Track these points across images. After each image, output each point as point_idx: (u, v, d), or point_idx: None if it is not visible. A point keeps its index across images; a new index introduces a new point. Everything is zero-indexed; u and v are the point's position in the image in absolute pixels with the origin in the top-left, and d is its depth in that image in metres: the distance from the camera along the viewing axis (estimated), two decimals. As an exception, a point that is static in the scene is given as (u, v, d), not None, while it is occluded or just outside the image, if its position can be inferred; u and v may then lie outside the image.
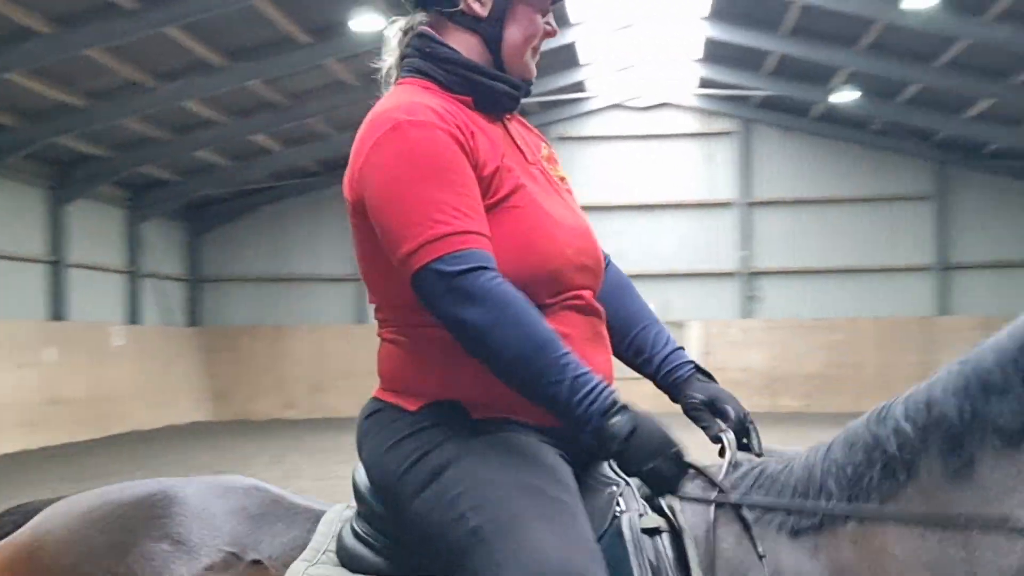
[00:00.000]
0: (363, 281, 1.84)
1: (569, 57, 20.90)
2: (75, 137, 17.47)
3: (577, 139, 24.30)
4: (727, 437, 1.80)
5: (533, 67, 1.87)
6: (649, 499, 1.69)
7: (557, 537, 1.54)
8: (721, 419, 1.86)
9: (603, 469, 1.77)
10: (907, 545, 1.54)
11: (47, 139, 16.80)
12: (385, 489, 1.71)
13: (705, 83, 23.25)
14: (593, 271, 1.85)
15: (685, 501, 1.66)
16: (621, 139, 24.55)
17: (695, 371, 1.98)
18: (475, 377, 1.67)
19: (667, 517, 1.66)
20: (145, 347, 21.26)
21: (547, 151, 1.99)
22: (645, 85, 23.85)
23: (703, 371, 1.98)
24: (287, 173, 23.15)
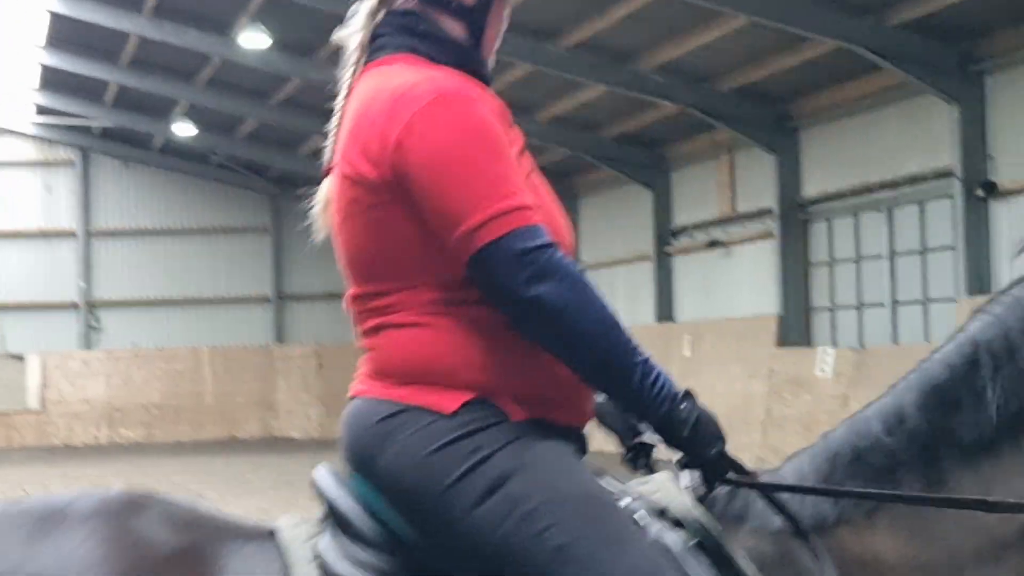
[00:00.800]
0: (351, 267, 1.72)
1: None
2: None
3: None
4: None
5: None
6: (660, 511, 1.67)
7: (643, 558, 1.52)
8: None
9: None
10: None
11: None
12: (425, 500, 1.54)
13: (43, 111, 22.75)
14: None
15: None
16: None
17: None
18: (518, 363, 1.60)
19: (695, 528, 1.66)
20: None
21: None
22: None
23: None
24: None
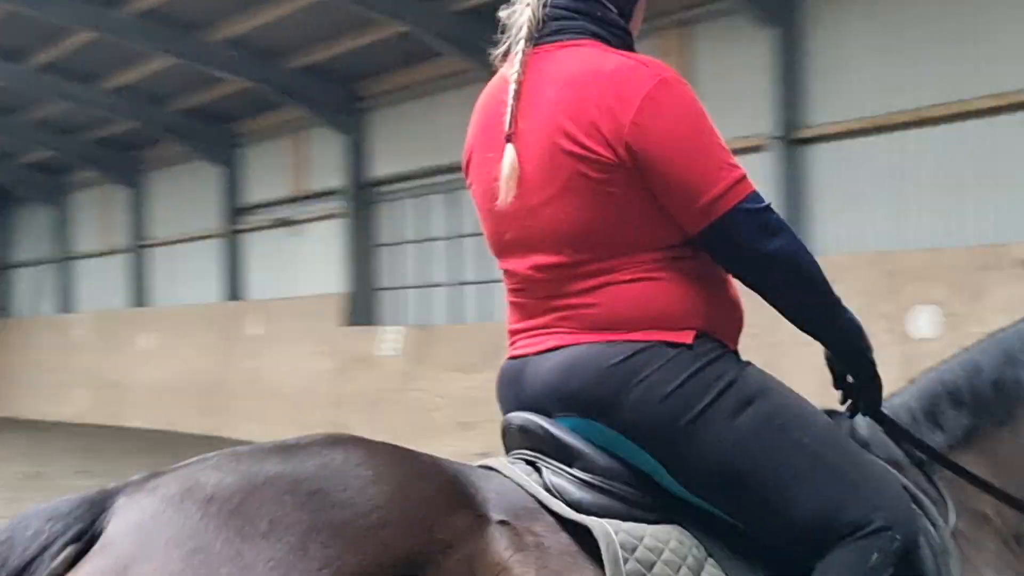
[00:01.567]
0: (564, 237, 1.74)
1: None
2: None
3: None
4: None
5: None
6: None
7: (882, 468, 1.76)
8: None
9: None
10: None
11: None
12: (678, 428, 1.66)
13: None
14: None
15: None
16: None
17: None
18: (723, 305, 1.79)
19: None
20: None
21: None
22: None
23: None
24: None
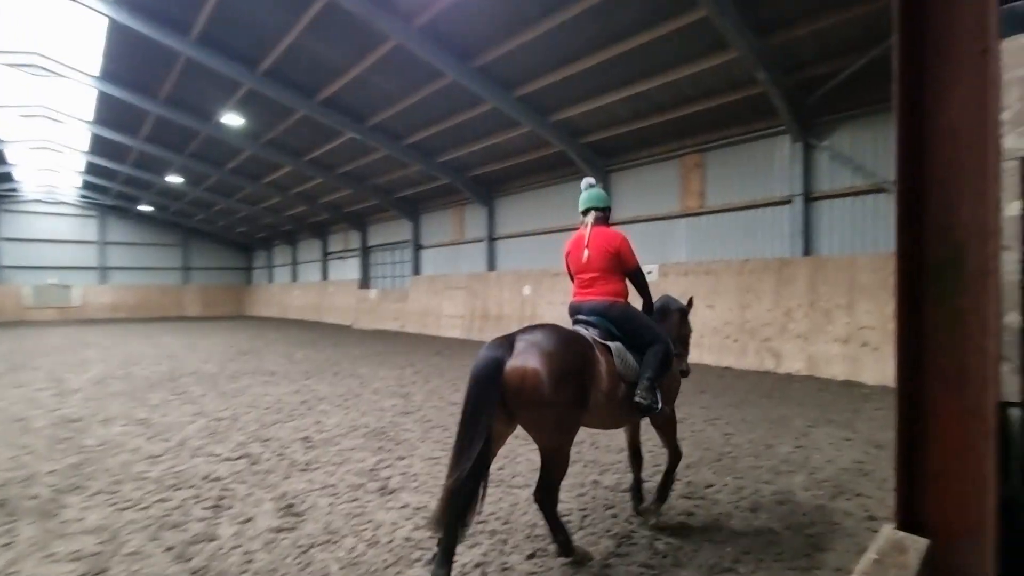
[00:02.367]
0: (602, 270, 4.23)
1: None
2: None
3: None
4: None
5: None
6: None
7: (660, 328, 3.23)
8: None
9: None
10: None
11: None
12: (624, 318, 3.83)
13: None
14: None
15: None
16: None
17: None
18: (629, 294, 3.60)
19: None
20: None
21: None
22: None
23: None
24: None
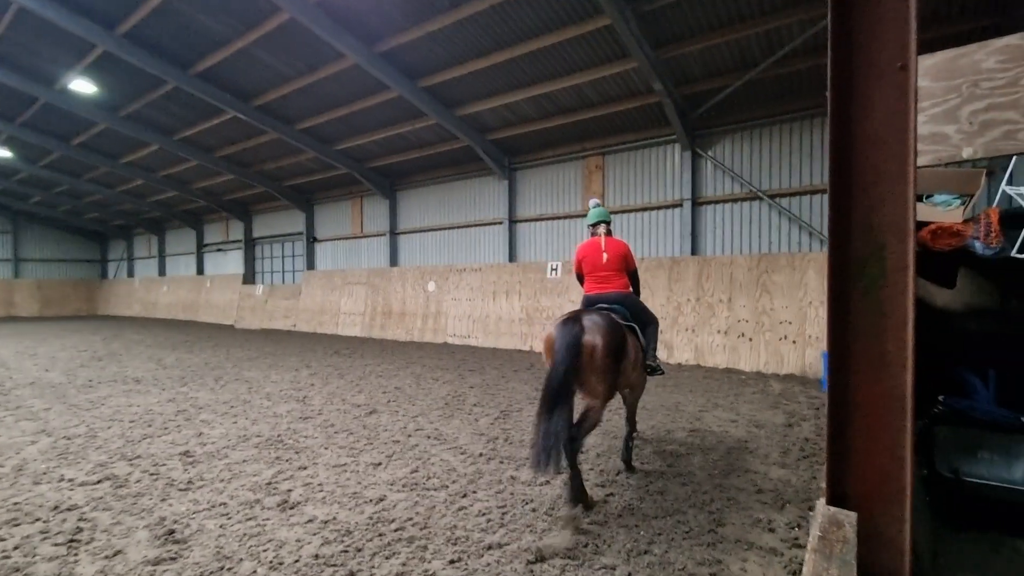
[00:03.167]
0: (614, 270, 5.05)
1: None
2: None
3: None
4: None
5: None
6: None
7: (651, 311, 3.49)
8: None
9: None
10: None
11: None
12: (633, 303, 4.56)
13: None
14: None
15: None
16: None
17: None
18: (635, 288, 4.52)
19: None
20: None
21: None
22: None
23: None
24: None
